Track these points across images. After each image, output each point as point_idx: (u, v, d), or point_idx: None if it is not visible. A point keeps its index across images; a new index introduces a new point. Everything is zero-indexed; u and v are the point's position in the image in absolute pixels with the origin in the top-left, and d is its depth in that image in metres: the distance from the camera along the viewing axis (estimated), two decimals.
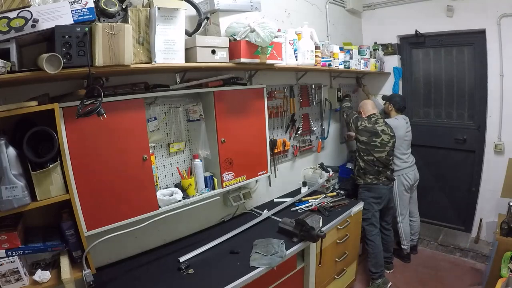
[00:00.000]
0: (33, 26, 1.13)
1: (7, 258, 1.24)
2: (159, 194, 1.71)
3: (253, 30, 1.71)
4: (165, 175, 1.90)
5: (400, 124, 2.88)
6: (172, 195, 1.72)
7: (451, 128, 3.32)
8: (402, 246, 3.03)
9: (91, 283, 1.42)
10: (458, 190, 3.40)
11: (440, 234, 3.44)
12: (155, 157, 1.79)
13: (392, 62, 3.48)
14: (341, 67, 2.75)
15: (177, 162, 1.94)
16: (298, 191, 2.75)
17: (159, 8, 1.41)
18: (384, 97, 3.21)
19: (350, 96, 3.19)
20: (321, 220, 2.20)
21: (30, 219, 1.44)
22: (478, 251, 3.09)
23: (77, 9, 1.21)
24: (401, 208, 2.95)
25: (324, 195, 2.63)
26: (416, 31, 3.26)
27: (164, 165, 1.88)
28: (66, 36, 1.17)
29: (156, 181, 1.74)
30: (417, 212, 3.13)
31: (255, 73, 2.30)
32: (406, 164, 2.92)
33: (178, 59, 1.54)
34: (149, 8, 1.42)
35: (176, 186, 1.88)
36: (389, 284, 2.70)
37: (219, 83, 1.98)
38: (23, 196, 1.19)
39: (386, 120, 2.81)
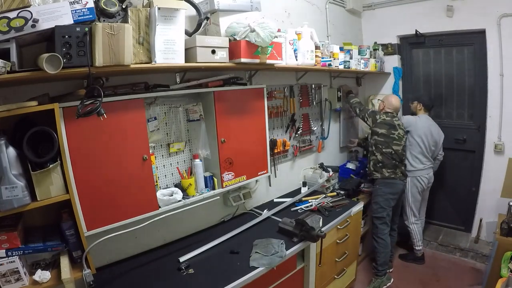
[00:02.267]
0: (33, 26, 1.13)
1: (7, 258, 1.24)
2: (159, 194, 1.71)
3: (253, 30, 1.71)
4: (165, 175, 1.90)
5: (420, 121, 2.85)
6: (172, 195, 1.72)
7: (451, 128, 3.32)
8: (415, 248, 2.97)
9: (91, 283, 1.41)
10: (458, 190, 3.40)
11: (440, 234, 3.44)
12: (155, 157, 1.79)
13: (392, 62, 3.49)
14: (341, 67, 2.75)
15: (177, 162, 1.94)
16: (298, 191, 2.75)
17: (159, 8, 1.41)
18: (412, 98, 3.12)
19: (353, 92, 3.16)
20: (321, 220, 2.20)
21: (30, 219, 1.44)
22: (478, 251, 3.09)
23: (77, 9, 1.21)
24: (414, 210, 2.90)
25: (324, 195, 2.63)
26: (416, 31, 3.26)
27: (164, 165, 1.88)
28: (66, 36, 1.18)
29: (156, 181, 1.74)
30: (424, 214, 3.12)
31: (255, 73, 2.30)
32: (422, 166, 2.84)
33: (178, 59, 1.54)
34: (149, 8, 1.42)
35: (176, 186, 1.88)
36: (392, 280, 2.71)
37: (219, 83, 1.98)
38: (23, 196, 1.19)
39: (407, 116, 2.86)
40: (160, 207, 1.67)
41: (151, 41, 1.44)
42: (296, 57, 2.22)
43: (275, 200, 2.63)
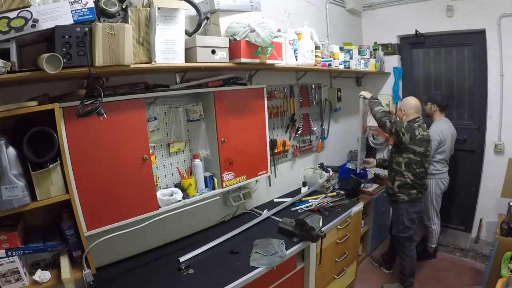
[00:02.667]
0: (33, 26, 1.13)
1: (7, 258, 1.24)
2: (159, 194, 1.71)
3: (253, 30, 1.71)
4: (165, 175, 1.90)
5: (449, 127, 2.82)
6: (172, 195, 1.72)
7: None
8: (432, 245, 3.01)
9: (91, 283, 1.42)
10: (458, 190, 3.39)
11: (440, 234, 3.43)
12: (155, 157, 1.79)
13: (392, 62, 3.49)
14: (341, 67, 2.76)
15: (177, 162, 1.94)
16: (298, 191, 2.75)
17: (159, 8, 1.41)
18: (424, 100, 2.86)
19: (377, 98, 2.52)
20: (321, 220, 2.20)
21: (30, 219, 1.44)
22: (478, 251, 3.09)
23: (77, 9, 1.21)
24: (437, 211, 2.90)
25: (324, 195, 2.63)
26: (416, 31, 3.26)
27: (164, 165, 1.88)
28: (66, 36, 1.18)
29: (156, 181, 1.74)
30: None
31: (255, 73, 2.30)
32: (446, 169, 2.85)
33: (178, 59, 1.54)
34: (149, 8, 1.42)
35: (176, 186, 1.88)
36: None
37: (219, 83, 1.98)
38: (23, 196, 1.19)
39: (437, 124, 2.79)
40: (160, 207, 1.67)
41: (151, 41, 1.44)
42: (296, 57, 2.22)
43: (275, 200, 2.63)
